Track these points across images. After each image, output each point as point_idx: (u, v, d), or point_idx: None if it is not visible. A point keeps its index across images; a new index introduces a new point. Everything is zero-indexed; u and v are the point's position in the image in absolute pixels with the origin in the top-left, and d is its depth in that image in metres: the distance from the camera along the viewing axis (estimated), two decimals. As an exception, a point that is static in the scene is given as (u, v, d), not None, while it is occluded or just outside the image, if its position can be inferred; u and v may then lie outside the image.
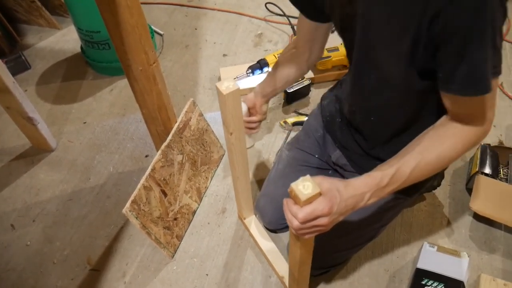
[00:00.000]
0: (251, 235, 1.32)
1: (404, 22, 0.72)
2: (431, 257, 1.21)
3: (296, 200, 0.68)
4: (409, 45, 0.73)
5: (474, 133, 0.77)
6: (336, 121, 1.13)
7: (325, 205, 0.68)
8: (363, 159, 1.09)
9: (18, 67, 1.93)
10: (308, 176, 0.67)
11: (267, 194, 1.28)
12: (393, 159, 0.80)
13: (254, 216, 1.35)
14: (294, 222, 0.69)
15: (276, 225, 1.29)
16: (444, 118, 0.81)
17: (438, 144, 0.77)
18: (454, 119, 0.78)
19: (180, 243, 1.33)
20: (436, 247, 1.23)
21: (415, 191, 1.07)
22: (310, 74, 1.81)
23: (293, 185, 0.66)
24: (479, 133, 0.77)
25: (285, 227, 1.31)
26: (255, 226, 1.33)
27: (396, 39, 0.75)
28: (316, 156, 1.23)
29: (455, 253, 1.21)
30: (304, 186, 0.66)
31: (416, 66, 0.76)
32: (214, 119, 1.69)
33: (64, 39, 2.12)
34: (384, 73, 0.85)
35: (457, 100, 0.75)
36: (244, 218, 1.33)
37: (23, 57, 1.95)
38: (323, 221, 0.70)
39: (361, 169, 1.10)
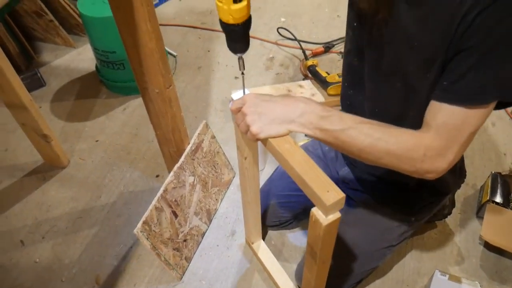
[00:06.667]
0: (259, 259, 1.32)
1: (438, 22, 0.70)
2: (442, 285, 1.20)
3: None
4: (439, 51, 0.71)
5: (426, 146, 0.73)
6: None
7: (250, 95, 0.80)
8: (369, 177, 1.11)
9: (34, 84, 1.97)
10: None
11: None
12: (356, 117, 0.76)
13: (262, 240, 1.34)
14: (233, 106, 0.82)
15: (268, 222, 1.38)
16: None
17: (395, 134, 0.74)
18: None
19: (188, 265, 1.33)
20: (447, 275, 1.22)
21: (411, 212, 1.09)
22: (321, 98, 1.82)
23: None
24: (428, 152, 0.73)
25: (275, 225, 1.38)
26: (263, 251, 1.32)
27: (428, 43, 0.73)
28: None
29: (466, 283, 1.20)
30: None
31: (436, 72, 0.75)
32: (225, 141, 1.70)
33: (80, 58, 2.16)
34: (407, 78, 0.82)
35: (441, 110, 0.72)
36: (252, 243, 1.33)
37: (38, 74, 1.99)
38: (246, 108, 0.78)
39: (366, 188, 1.12)
